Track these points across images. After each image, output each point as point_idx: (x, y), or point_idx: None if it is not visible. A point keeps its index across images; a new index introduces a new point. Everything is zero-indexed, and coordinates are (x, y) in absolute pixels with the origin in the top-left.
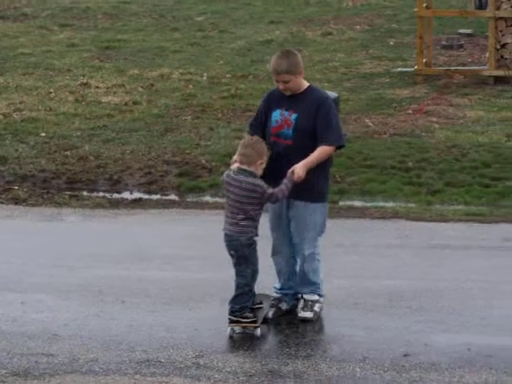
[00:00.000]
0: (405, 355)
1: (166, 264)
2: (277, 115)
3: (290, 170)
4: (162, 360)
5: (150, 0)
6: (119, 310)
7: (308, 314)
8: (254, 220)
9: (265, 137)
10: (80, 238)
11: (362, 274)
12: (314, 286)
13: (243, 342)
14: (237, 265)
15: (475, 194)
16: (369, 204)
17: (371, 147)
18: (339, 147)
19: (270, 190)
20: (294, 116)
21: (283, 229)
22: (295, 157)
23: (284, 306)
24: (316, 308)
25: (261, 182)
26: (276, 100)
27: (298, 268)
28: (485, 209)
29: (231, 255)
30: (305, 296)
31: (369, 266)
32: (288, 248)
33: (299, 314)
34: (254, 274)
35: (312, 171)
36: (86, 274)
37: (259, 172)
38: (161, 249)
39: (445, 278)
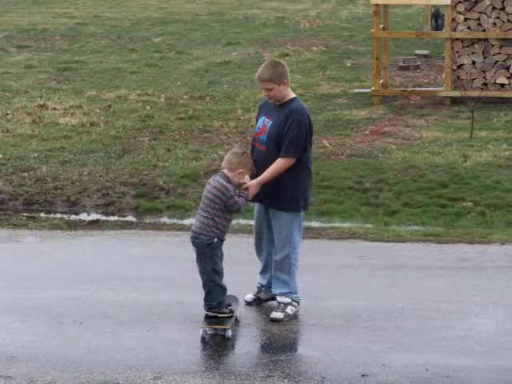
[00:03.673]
0: (363, 375)
1: (124, 285)
2: (260, 122)
3: (244, 186)
4: (121, 382)
5: (107, 21)
6: (77, 332)
7: (278, 315)
8: (217, 222)
9: None
10: (37, 260)
11: (319, 294)
12: (286, 289)
13: (201, 362)
14: (197, 261)
15: (432, 215)
16: (326, 225)
17: (328, 168)
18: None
19: (237, 198)
20: (270, 123)
21: (259, 226)
22: (268, 162)
23: (262, 296)
24: (288, 310)
25: (230, 187)
26: (265, 108)
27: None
28: (442, 229)
29: (195, 251)
30: (277, 298)
31: (326, 286)
32: (266, 242)
33: (271, 315)
34: (214, 271)
35: (283, 181)
36: (44, 295)
37: (236, 180)
38: (118, 270)
39: (402, 298)
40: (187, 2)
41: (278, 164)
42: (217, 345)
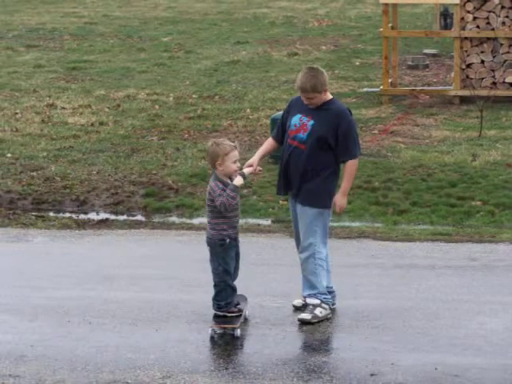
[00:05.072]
0: (371, 375)
1: (133, 285)
2: (296, 120)
3: (333, 205)
4: (129, 381)
5: (116, 21)
6: (86, 331)
7: (306, 316)
8: (218, 223)
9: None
10: (46, 259)
11: None
12: (314, 290)
13: (210, 362)
14: (211, 261)
15: (441, 214)
16: (335, 224)
17: None
18: None
19: (221, 198)
20: (311, 122)
21: (295, 225)
22: (308, 160)
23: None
24: (317, 312)
25: (215, 187)
26: (298, 106)
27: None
28: (451, 228)
29: (209, 251)
30: (307, 300)
31: (335, 285)
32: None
33: (298, 316)
34: (226, 272)
35: (314, 177)
36: (53, 294)
37: (222, 172)
38: (127, 269)
39: (411, 297)
40: (196, 1)
41: (351, 168)
42: (226, 344)
